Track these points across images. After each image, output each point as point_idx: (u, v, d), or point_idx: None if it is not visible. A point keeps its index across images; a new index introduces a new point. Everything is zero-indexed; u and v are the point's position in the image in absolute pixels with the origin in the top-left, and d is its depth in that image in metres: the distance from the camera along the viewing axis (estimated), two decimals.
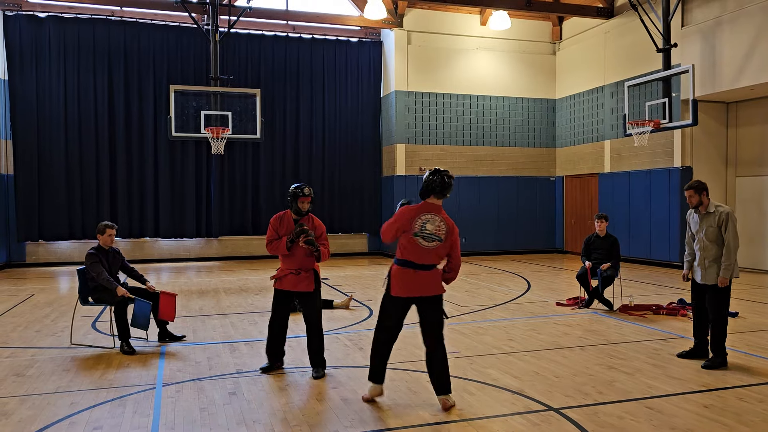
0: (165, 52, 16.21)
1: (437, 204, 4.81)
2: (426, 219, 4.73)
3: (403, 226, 4.72)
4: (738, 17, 12.36)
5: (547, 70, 18.53)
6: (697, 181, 6.03)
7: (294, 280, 5.72)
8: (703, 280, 5.97)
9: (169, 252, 16.75)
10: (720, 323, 5.87)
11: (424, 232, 4.69)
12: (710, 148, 14.03)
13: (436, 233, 4.72)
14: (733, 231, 5.82)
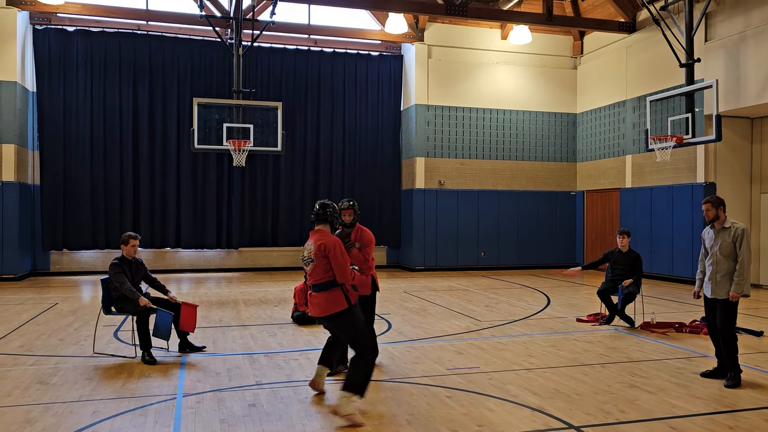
0: (189, 65, 16.47)
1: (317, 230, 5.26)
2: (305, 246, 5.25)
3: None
4: (763, 32, 12.24)
5: (568, 84, 18.48)
6: (715, 196, 6.09)
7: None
8: (713, 294, 6.00)
9: (189, 263, 16.91)
10: (730, 338, 5.87)
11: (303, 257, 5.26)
12: (734, 164, 13.86)
13: (309, 255, 5.16)
14: (748, 247, 5.87)
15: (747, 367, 6.51)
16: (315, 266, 5.08)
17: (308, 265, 5.14)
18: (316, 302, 5.11)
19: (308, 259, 5.15)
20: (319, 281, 5.07)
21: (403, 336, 8.10)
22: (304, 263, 5.21)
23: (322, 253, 5.05)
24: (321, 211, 5.28)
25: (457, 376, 6.11)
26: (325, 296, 5.05)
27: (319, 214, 5.27)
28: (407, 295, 12.21)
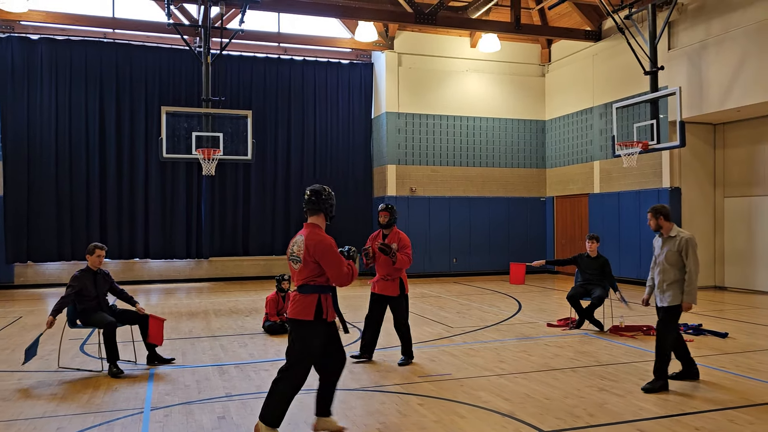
0: (157, 73, 16.28)
1: (309, 223, 4.63)
2: (294, 241, 4.64)
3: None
4: (723, 41, 12.58)
5: (536, 91, 18.74)
6: (660, 205, 6.11)
7: (382, 284, 6.97)
8: (660, 303, 5.99)
9: (158, 273, 16.65)
10: (664, 347, 5.86)
11: (292, 255, 4.63)
12: (698, 169, 14.18)
13: (298, 254, 4.55)
14: (694, 257, 5.83)
15: (712, 368, 6.65)
16: (302, 267, 4.50)
17: (296, 263, 4.55)
18: (292, 302, 4.62)
19: (296, 257, 4.54)
20: (305, 283, 4.52)
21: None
22: (290, 260, 4.62)
23: (311, 256, 4.44)
24: (313, 199, 4.59)
25: (428, 384, 6.11)
26: (301, 299, 4.53)
27: (311, 202, 4.59)
28: None
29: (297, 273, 4.58)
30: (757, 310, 10.98)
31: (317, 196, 4.59)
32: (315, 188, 4.63)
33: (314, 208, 4.61)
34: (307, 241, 4.47)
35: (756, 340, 8.16)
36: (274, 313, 8.90)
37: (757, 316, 10.28)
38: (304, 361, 4.54)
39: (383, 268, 6.92)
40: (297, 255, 4.53)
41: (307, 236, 4.49)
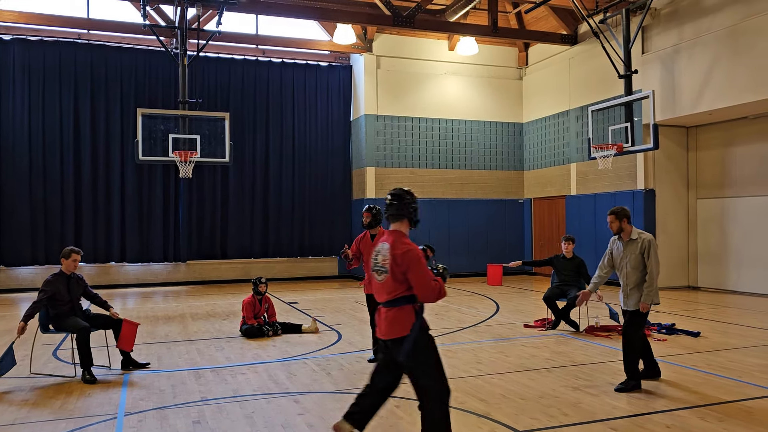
0: (133, 75, 16.11)
1: (392, 230, 4.17)
2: (377, 250, 4.15)
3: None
4: (695, 45, 12.81)
5: (514, 94, 18.89)
6: (620, 207, 6.17)
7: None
8: (625, 306, 6.05)
9: (135, 277, 16.47)
10: (632, 347, 5.93)
11: (376, 265, 4.13)
12: (672, 171, 14.41)
13: (383, 264, 4.05)
14: (655, 258, 5.91)
15: (684, 367, 6.76)
16: (390, 279, 3.98)
17: (381, 275, 4.03)
18: (384, 320, 4.05)
19: (381, 268, 4.02)
20: (392, 297, 4.00)
21: (353, 347, 8.08)
22: (374, 271, 4.10)
23: (398, 266, 3.93)
24: (395, 203, 4.11)
25: (406, 386, 6.09)
26: (393, 314, 3.99)
27: (393, 206, 4.11)
28: (358, 305, 12.20)
29: (383, 286, 4.05)
30: (729, 309, 11.19)
31: (399, 200, 4.12)
32: (396, 191, 4.16)
33: (397, 213, 4.11)
34: (393, 250, 3.97)
35: (728, 339, 8.31)
36: (251, 317, 8.86)
37: (729, 315, 10.48)
38: (441, 374, 4.06)
39: None
40: (382, 265, 4.02)
41: (393, 245, 3.99)
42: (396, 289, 3.98)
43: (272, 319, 9.08)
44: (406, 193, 4.15)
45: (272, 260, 17.61)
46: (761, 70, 11.36)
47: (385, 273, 4.00)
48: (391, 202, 4.14)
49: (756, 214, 13.04)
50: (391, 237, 4.06)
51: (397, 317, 3.98)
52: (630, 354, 5.93)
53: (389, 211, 4.14)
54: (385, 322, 4.04)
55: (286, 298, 13.45)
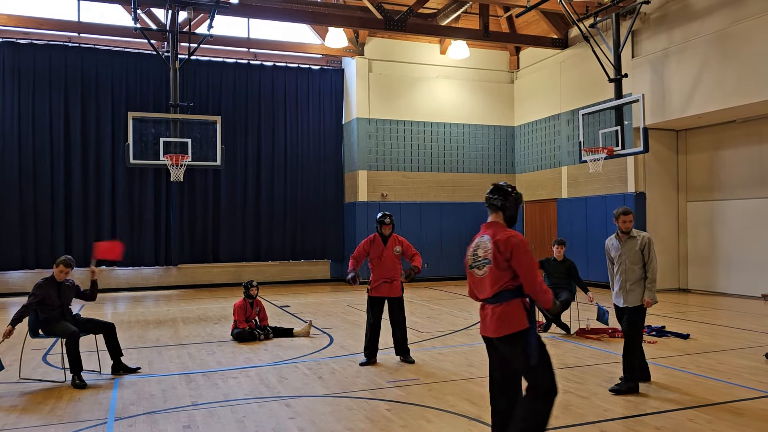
0: (124, 78, 16.06)
1: (491, 222, 4.06)
2: (477, 244, 4.05)
3: None
4: (684, 49, 12.91)
5: (505, 98, 18.96)
6: (627, 208, 6.29)
7: (388, 287, 7.22)
8: (625, 303, 6.04)
9: (126, 281, 16.40)
10: (635, 346, 5.93)
11: (477, 260, 4.02)
12: (662, 174, 14.50)
13: (484, 256, 3.93)
14: (654, 254, 6.03)
15: (674, 369, 6.80)
16: (493, 270, 3.86)
17: (482, 268, 3.92)
18: (489, 317, 3.91)
19: (483, 261, 3.91)
20: (497, 290, 3.86)
21: (344, 350, 8.08)
22: (474, 267, 4.00)
23: (502, 254, 3.81)
24: (494, 196, 4.03)
25: (397, 389, 6.13)
26: (502, 310, 3.84)
27: (491, 199, 4.05)
28: (350, 308, 12.19)
29: (484, 280, 3.91)
30: (719, 311, 11.26)
31: (500, 193, 4.02)
32: (498, 185, 4.09)
33: (495, 205, 4.03)
34: (494, 237, 3.86)
35: (717, 341, 8.36)
36: (243, 320, 8.83)
37: (718, 317, 10.54)
38: (549, 374, 3.87)
39: (388, 271, 7.25)
40: (483, 258, 3.89)
41: (494, 233, 3.90)
42: (500, 280, 3.84)
43: (263, 323, 9.06)
44: (507, 186, 4.07)
45: (264, 264, 17.58)
46: (749, 74, 11.46)
47: (488, 263, 3.87)
48: (490, 195, 4.05)
49: (745, 216, 13.14)
50: (490, 228, 3.97)
51: (506, 313, 3.83)
52: (632, 353, 5.91)
53: (488, 202, 4.06)
54: (493, 319, 3.87)
55: (278, 301, 13.42)
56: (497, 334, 3.86)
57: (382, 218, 7.35)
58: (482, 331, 4.04)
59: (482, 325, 4.02)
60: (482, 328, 4.02)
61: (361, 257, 7.38)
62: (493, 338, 3.91)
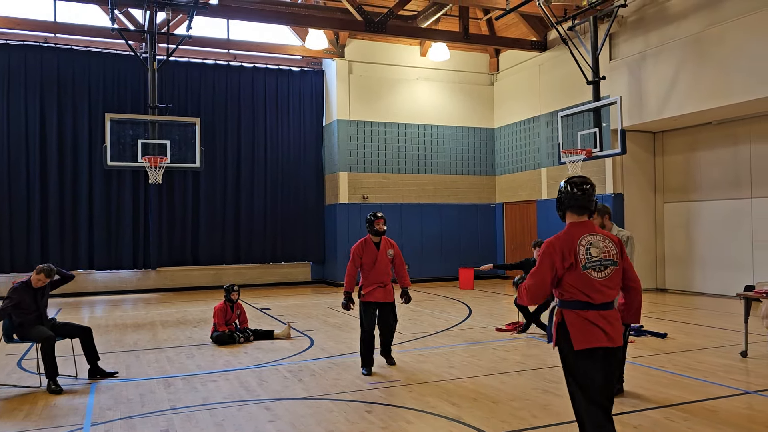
0: (101, 79, 15.87)
1: (587, 221, 3.70)
2: (588, 242, 3.59)
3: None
4: (660, 52, 13.08)
5: (485, 100, 19.07)
6: (603, 204, 6.27)
7: (383, 292, 6.94)
8: None
9: (104, 284, 16.19)
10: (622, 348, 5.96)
11: (591, 260, 3.55)
12: (640, 176, 14.67)
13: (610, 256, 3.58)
14: (632, 252, 6.01)
15: (652, 368, 6.88)
16: (617, 271, 3.58)
17: (604, 270, 3.53)
18: (616, 327, 3.54)
19: (606, 261, 3.54)
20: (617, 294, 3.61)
21: (325, 352, 8.05)
22: (597, 267, 3.51)
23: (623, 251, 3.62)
24: (593, 193, 3.68)
25: (377, 390, 6.13)
26: (617, 317, 3.59)
27: (592, 196, 3.68)
28: (331, 310, 12.16)
29: (608, 282, 3.54)
30: (695, 310, 11.42)
31: (593, 190, 3.69)
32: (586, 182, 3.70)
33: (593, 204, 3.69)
34: (612, 237, 3.62)
35: (694, 340, 8.48)
36: (223, 323, 8.77)
37: (695, 316, 10.69)
38: None
39: (381, 275, 6.98)
40: (605, 258, 3.55)
41: (602, 233, 3.62)
42: (620, 283, 3.64)
43: (243, 326, 9.00)
44: (586, 183, 3.71)
45: (244, 266, 17.47)
46: (724, 77, 11.65)
47: (613, 266, 3.55)
48: (586, 191, 3.66)
49: (720, 217, 13.34)
50: (592, 227, 3.65)
51: (619, 321, 3.60)
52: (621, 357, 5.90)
53: (585, 201, 3.66)
54: (617, 327, 3.55)
55: (259, 304, 13.34)
56: (619, 344, 3.54)
57: (374, 213, 7.01)
58: (605, 342, 3.49)
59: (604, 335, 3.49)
60: (605, 338, 3.49)
61: (356, 270, 7.01)
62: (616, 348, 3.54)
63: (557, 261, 3.52)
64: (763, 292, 7.24)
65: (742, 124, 12.88)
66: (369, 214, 7.05)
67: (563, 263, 3.51)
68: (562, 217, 3.77)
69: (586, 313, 3.50)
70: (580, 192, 3.65)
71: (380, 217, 6.98)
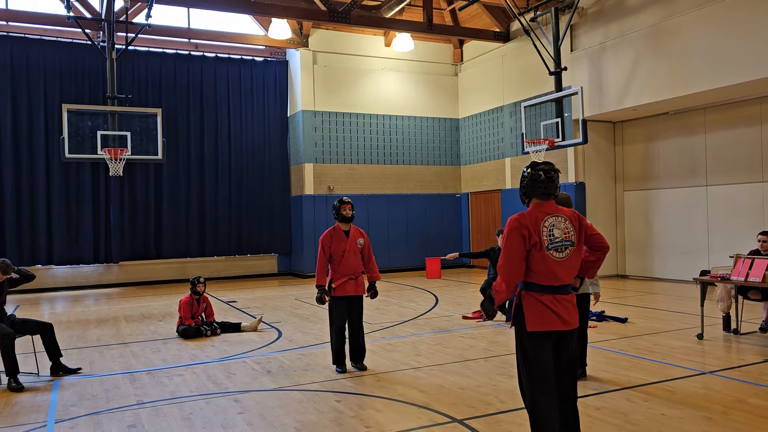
0: (57, 69, 15.41)
1: (548, 202, 3.76)
2: (552, 223, 3.65)
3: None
4: (620, 43, 13.34)
5: (450, 90, 19.17)
6: (565, 194, 6.35)
7: (354, 284, 6.61)
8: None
9: (64, 280, 15.82)
10: (584, 334, 6.03)
11: (554, 241, 3.61)
12: (600, 165, 14.98)
13: (567, 236, 3.64)
14: None
15: (613, 352, 7.07)
16: (575, 251, 3.64)
17: (564, 250, 3.60)
18: (570, 309, 3.65)
19: (568, 242, 3.60)
20: (575, 275, 3.68)
21: (293, 343, 8.05)
22: (552, 250, 3.58)
23: (583, 232, 3.68)
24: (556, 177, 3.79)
25: (346, 380, 6.16)
26: (573, 300, 3.68)
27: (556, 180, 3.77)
28: (298, 302, 12.14)
29: (566, 263, 3.61)
30: (654, 295, 11.76)
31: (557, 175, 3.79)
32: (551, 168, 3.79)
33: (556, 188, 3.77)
34: (571, 215, 3.68)
35: (653, 324, 8.74)
36: (189, 317, 8.68)
37: (654, 301, 11.01)
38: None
39: (352, 266, 6.59)
40: (564, 239, 3.60)
41: (565, 212, 3.69)
42: (577, 265, 3.67)
43: (210, 319, 8.92)
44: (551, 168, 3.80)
45: (209, 259, 17.28)
46: (680, 68, 11.95)
47: (571, 246, 3.61)
48: (552, 177, 3.73)
49: (677, 205, 13.73)
50: (556, 207, 3.71)
51: (574, 304, 3.69)
52: (583, 341, 6.01)
53: (551, 188, 3.73)
54: (572, 310, 3.64)
55: (225, 297, 13.23)
56: (575, 326, 3.66)
57: (340, 199, 6.66)
58: (559, 326, 3.59)
59: (558, 319, 3.60)
60: (559, 322, 3.60)
61: (326, 260, 6.59)
62: (571, 330, 3.65)
63: (525, 235, 3.58)
64: (718, 277, 7.51)
65: (697, 114, 13.25)
66: (336, 201, 6.74)
67: (529, 240, 3.57)
68: (526, 203, 3.84)
69: (542, 296, 3.61)
70: (545, 178, 3.71)
71: (347, 202, 6.66)
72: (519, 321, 3.68)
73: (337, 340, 6.58)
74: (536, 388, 3.62)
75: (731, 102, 12.47)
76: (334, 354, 6.60)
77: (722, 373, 6.08)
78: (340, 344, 6.58)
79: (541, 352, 3.61)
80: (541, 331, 3.59)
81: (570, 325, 3.62)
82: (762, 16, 10.48)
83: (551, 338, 3.61)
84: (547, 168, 3.76)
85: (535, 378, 3.61)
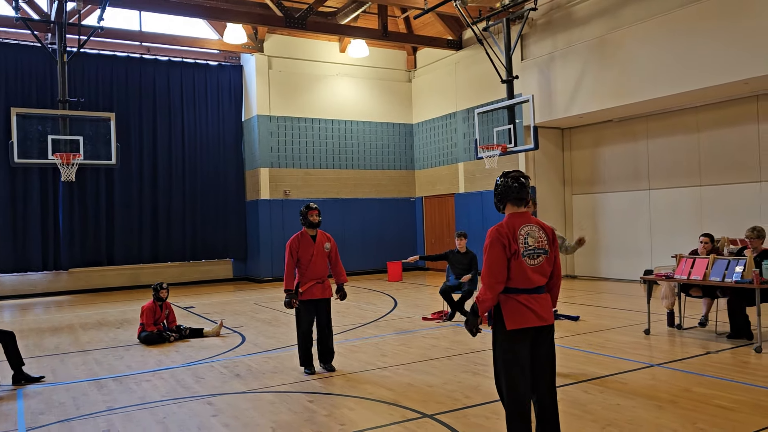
0: (3, 72, 14.96)
1: (523, 211, 4.01)
2: (527, 232, 3.91)
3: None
4: (567, 53, 13.92)
5: (404, 96, 19.50)
6: None
7: (321, 288, 6.71)
8: None
9: (12, 288, 15.33)
10: None
11: (528, 248, 3.87)
12: (550, 170, 15.55)
13: (541, 245, 3.91)
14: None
15: (568, 348, 7.45)
16: (547, 259, 3.91)
17: (536, 258, 3.86)
18: (545, 304, 3.91)
19: (539, 250, 3.87)
20: (546, 280, 3.94)
21: (258, 347, 8.12)
22: (526, 256, 3.84)
23: (554, 241, 3.95)
24: (527, 185, 4.02)
25: (316, 381, 6.31)
26: (547, 298, 3.95)
27: (526, 187, 4.00)
28: (258, 306, 12.16)
29: (539, 269, 3.87)
30: (603, 294, 12.31)
31: (527, 181, 4.04)
32: (521, 176, 4.03)
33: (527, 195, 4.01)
34: (545, 227, 3.96)
35: (603, 321, 9.20)
36: (151, 323, 8.63)
37: (603, 300, 11.54)
38: None
39: (319, 271, 6.70)
40: (538, 247, 3.88)
41: (539, 223, 3.95)
42: (549, 271, 3.94)
43: (172, 326, 8.89)
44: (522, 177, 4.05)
45: (163, 265, 17.03)
46: (623, 78, 12.57)
47: (544, 254, 3.89)
48: (524, 184, 3.98)
49: (622, 208, 14.39)
50: (529, 218, 3.96)
51: (549, 302, 3.96)
52: None
53: (523, 193, 3.97)
54: (547, 307, 3.91)
55: (182, 303, 13.11)
56: (549, 323, 3.90)
57: (307, 205, 6.80)
58: (536, 322, 3.84)
59: (535, 316, 3.84)
60: (536, 318, 3.84)
61: (294, 265, 6.64)
62: (548, 326, 3.91)
63: (505, 244, 3.82)
64: (662, 276, 7.99)
65: (639, 122, 13.94)
66: (302, 207, 6.82)
67: (509, 248, 3.82)
68: (501, 209, 4.09)
69: (518, 296, 3.85)
70: (517, 185, 3.97)
71: (314, 208, 6.78)
72: (498, 321, 3.91)
73: (304, 343, 6.67)
74: (514, 385, 3.81)
75: (671, 111, 13.19)
76: (302, 356, 6.69)
77: (669, 365, 6.51)
78: (307, 347, 6.70)
79: (519, 348, 3.83)
80: (519, 329, 3.82)
81: (546, 321, 3.88)
82: (699, 32, 11.17)
83: (529, 335, 3.85)
84: (517, 175, 4.03)
85: (513, 375, 3.80)
